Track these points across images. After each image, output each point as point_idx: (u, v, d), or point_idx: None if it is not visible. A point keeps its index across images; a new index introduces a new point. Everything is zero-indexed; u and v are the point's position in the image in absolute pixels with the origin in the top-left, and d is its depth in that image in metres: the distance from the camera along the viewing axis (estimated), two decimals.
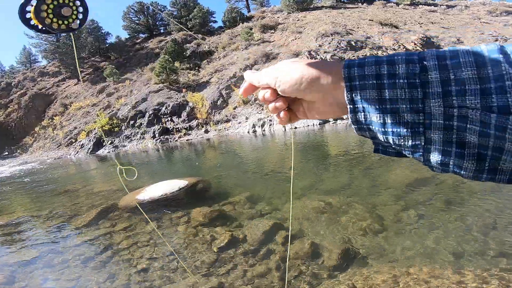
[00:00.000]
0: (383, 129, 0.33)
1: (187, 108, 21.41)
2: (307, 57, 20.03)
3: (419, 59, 0.31)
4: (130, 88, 28.36)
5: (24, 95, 37.18)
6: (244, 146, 11.59)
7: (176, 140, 18.81)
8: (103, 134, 23.22)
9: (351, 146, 6.71)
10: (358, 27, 25.54)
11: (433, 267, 2.06)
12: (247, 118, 17.81)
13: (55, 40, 37.94)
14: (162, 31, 38.88)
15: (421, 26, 25.84)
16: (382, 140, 0.35)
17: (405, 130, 0.32)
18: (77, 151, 22.06)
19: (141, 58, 34.01)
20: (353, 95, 0.33)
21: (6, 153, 31.22)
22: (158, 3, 38.37)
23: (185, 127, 20.22)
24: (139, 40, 38.92)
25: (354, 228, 2.81)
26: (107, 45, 39.00)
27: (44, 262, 2.81)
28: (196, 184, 4.79)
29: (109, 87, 30.63)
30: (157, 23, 39.19)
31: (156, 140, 19.47)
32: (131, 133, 21.52)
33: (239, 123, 18.19)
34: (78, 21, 0.57)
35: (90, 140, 22.44)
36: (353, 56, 20.02)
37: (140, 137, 20.78)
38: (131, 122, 22.24)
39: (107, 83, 31.53)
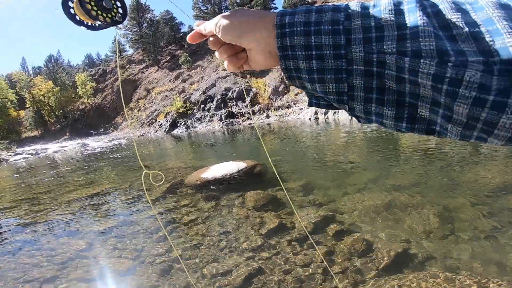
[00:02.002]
0: (309, 76, 0.34)
1: (250, 93, 21.93)
2: None
3: (345, 8, 0.32)
4: (201, 74, 30.26)
5: (116, 80, 42.84)
6: (304, 132, 11.38)
7: (240, 124, 19.54)
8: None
9: (429, 139, 6.01)
10: None
11: (504, 283, 1.76)
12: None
13: (138, 30, 42.21)
14: None
15: None
16: (310, 88, 0.35)
17: (329, 76, 0.32)
18: (156, 130, 24.79)
19: None
20: (283, 42, 0.34)
21: (102, 130, 36.83)
22: None
23: (248, 111, 20.78)
24: None
25: (416, 229, 2.55)
26: (181, 34, 41.98)
27: (117, 232, 3.25)
28: (254, 167, 4.94)
29: (183, 73, 33.20)
30: (223, 11, 40.56)
31: (222, 122, 20.57)
32: (201, 115, 23.15)
33: (301, 109, 17.87)
34: (119, 15, 0.56)
35: (167, 121, 24.94)
36: None
37: (208, 119, 22.20)
38: (202, 106, 23.88)
39: (182, 70, 34.22)
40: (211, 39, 0.42)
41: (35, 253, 2.94)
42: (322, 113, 15.43)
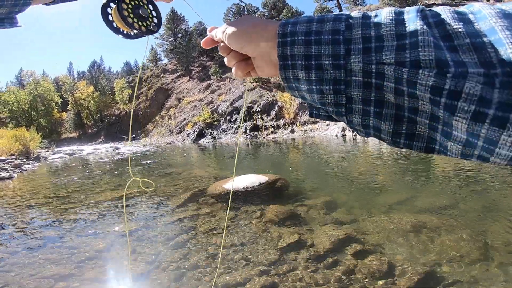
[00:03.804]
0: (308, 87, 0.33)
1: (276, 107, 22.01)
2: None
3: (346, 17, 0.32)
4: (229, 86, 30.96)
5: (150, 88, 44.93)
6: (330, 149, 11.13)
7: (264, 137, 19.56)
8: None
9: (464, 162, 5.62)
10: None
11: None
12: (336, 121, 17.10)
13: (173, 40, 44.20)
14: None
15: None
16: (309, 99, 0.35)
17: (327, 87, 0.32)
18: (184, 139, 25.49)
19: None
20: (284, 51, 0.34)
21: (134, 135, 38.49)
22: (251, 5, 40.49)
23: (273, 125, 20.81)
24: None
25: (445, 252, 2.38)
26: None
27: (137, 236, 3.29)
28: (276, 181, 4.87)
29: (212, 84, 34.15)
30: None
31: (246, 135, 20.71)
32: (227, 127, 23.51)
33: (327, 125, 17.57)
34: (154, 24, 0.57)
35: (194, 130, 25.61)
36: None
37: (234, 131, 22.48)
38: (228, 117, 24.28)
39: (211, 81, 35.23)
40: (221, 45, 0.43)
41: (56, 250, 3.05)
42: (349, 131, 15.04)
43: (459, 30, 0.26)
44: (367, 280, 2.12)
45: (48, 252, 3.01)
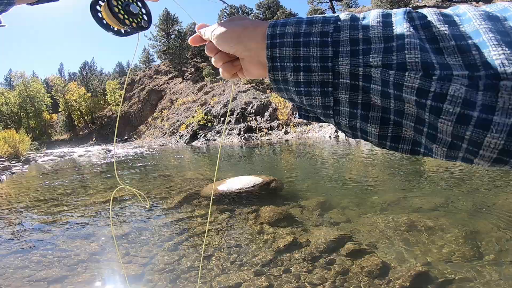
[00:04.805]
0: (297, 88, 0.33)
1: (269, 108, 22.08)
2: None
3: (335, 19, 0.32)
4: (223, 87, 30.89)
5: (143, 90, 44.55)
6: (323, 151, 11.21)
7: (258, 139, 19.58)
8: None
9: (455, 163, 5.73)
10: None
11: None
12: (324, 122, 17.28)
13: (166, 42, 43.91)
14: None
15: None
16: (297, 100, 0.35)
17: (315, 89, 0.32)
18: (177, 141, 25.32)
19: None
20: (273, 52, 0.34)
21: (126, 137, 38.09)
22: (246, 6, 40.64)
23: (267, 126, 20.86)
24: None
25: (439, 252, 2.42)
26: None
27: (131, 238, 3.26)
28: (270, 182, 4.88)
29: (206, 86, 34.04)
30: None
31: (240, 137, 20.70)
32: (221, 128, 23.47)
33: (321, 126, 17.70)
34: (145, 21, 0.57)
35: (188, 132, 25.47)
36: None
37: (228, 133, 22.45)
38: (222, 119, 24.26)
39: (205, 82, 35.11)
40: (208, 44, 0.43)
41: (48, 253, 3.00)
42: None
43: (445, 32, 0.26)
44: (361, 280, 2.14)
45: (40, 255, 2.96)
